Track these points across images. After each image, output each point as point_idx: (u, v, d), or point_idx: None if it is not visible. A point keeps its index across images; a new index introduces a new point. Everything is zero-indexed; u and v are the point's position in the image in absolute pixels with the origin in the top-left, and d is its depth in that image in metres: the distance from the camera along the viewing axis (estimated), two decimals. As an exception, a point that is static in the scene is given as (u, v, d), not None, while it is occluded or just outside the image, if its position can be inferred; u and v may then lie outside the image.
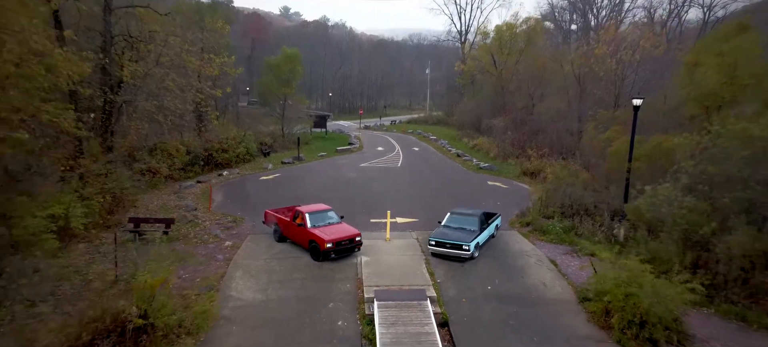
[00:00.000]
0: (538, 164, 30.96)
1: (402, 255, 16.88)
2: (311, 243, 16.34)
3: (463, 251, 16.07)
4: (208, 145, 33.07)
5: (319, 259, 16.12)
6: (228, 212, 21.79)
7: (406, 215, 21.99)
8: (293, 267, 15.76)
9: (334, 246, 15.98)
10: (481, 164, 36.36)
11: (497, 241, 18.40)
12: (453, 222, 17.54)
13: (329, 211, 17.79)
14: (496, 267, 15.96)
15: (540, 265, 16.05)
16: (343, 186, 28.43)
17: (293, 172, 33.45)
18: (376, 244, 17.93)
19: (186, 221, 19.86)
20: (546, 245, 17.87)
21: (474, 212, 17.89)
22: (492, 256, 16.89)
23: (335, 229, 16.72)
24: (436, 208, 22.95)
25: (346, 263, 16.17)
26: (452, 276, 15.27)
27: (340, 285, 14.60)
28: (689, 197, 13.82)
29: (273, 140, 43.92)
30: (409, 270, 15.60)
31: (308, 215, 16.90)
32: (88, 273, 14.80)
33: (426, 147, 49.57)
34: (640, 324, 11.27)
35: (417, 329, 12.19)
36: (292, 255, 16.70)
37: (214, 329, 12.03)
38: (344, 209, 21.80)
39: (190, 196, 24.75)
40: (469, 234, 16.56)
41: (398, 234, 19.34)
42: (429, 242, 16.76)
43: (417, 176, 32.35)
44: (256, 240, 18.15)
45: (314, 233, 16.28)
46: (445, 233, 16.87)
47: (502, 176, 32.35)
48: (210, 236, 18.41)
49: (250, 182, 29.32)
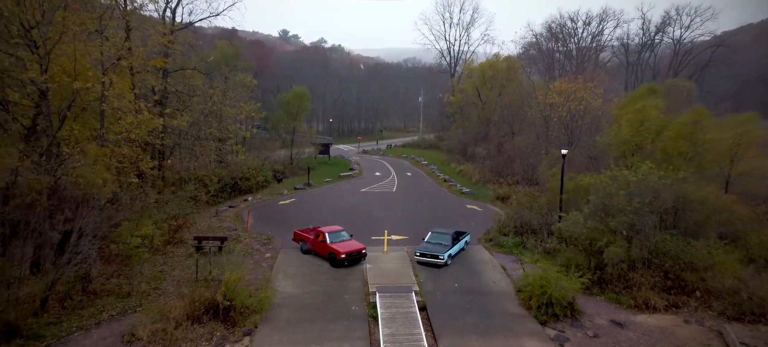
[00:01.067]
0: (508, 190, 37.48)
1: (396, 263, 23.19)
2: (330, 255, 22.65)
3: (439, 259, 22.42)
4: (234, 174, 39.50)
5: (336, 266, 22.40)
6: (261, 232, 28.08)
7: (399, 233, 28.35)
8: (318, 271, 22.04)
9: (347, 257, 22.29)
10: (463, 189, 42.85)
11: (466, 253, 24.77)
12: (433, 239, 23.93)
13: (342, 231, 24.16)
14: (463, 271, 22.31)
15: (494, 269, 22.44)
16: (349, 210, 34.81)
17: (306, 197, 39.84)
18: (377, 255, 24.24)
19: (231, 239, 26.14)
20: (501, 256, 24.27)
21: (448, 231, 24.30)
22: (461, 263, 23.25)
23: (347, 244, 23.06)
24: (422, 228, 29.38)
25: (355, 269, 22.45)
26: (431, 278, 21.59)
27: (352, 284, 20.86)
28: (591, 221, 20.31)
29: (284, 167, 50.45)
30: (401, 273, 21.90)
31: (328, 234, 23.26)
32: (173, 274, 21.06)
33: (417, 172, 56.12)
34: (548, 304, 17.62)
35: (405, 310, 18.48)
36: (316, 263, 22.99)
37: (271, 310, 18.27)
38: (351, 229, 28.14)
39: (227, 218, 31.05)
40: (444, 248, 22.94)
41: (393, 248, 25.67)
42: (415, 254, 23.11)
43: (408, 200, 38.79)
44: (288, 253, 24.45)
45: (332, 247, 22.60)
46: (427, 247, 23.23)
47: (479, 200, 38.84)
48: (252, 249, 24.70)
49: (272, 207, 35.66)
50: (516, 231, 26.23)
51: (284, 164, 51.35)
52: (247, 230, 28.42)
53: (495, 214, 31.32)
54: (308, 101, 54.72)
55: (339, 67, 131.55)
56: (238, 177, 39.67)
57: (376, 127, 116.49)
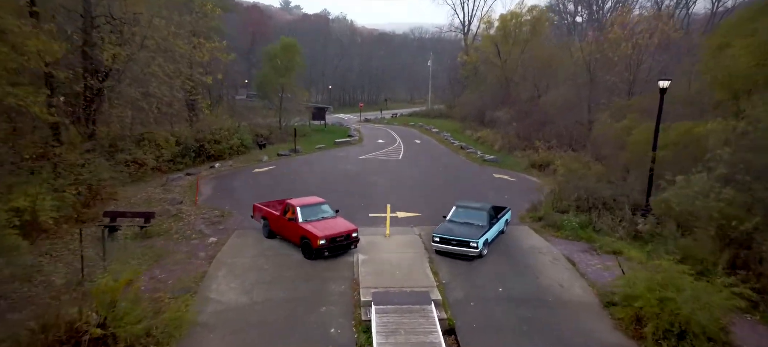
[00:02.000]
0: (546, 155, 29.37)
1: (403, 253, 15.34)
2: (303, 239, 14.80)
3: (470, 248, 14.52)
4: (199, 136, 31.53)
5: (311, 257, 14.59)
6: (216, 206, 20.27)
7: (407, 210, 20.45)
8: (283, 265, 14.24)
9: (327, 243, 14.44)
10: (485, 156, 34.79)
11: (507, 237, 16.84)
12: (459, 217, 15.99)
13: (323, 204, 16.25)
14: (507, 266, 14.41)
15: (556, 263, 14.49)
16: (341, 179, 26.87)
17: (289, 164, 31.90)
18: (375, 241, 16.40)
19: (169, 215, 18.35)
20: (561, 242, 16.32)
21: (482, 205, 16.35)
22: (502, 253, 15.34)
23: (329, 224, 15.18)
24: (440, 202, 21.42)
25: (341, 261, 14.64)
26: (459, 276, 13.74)
27: (334, 286, 13.07)
28: (728, 189, 12.24)
29: (270, 133, 42.37)
30: (411, 269, 14.07)
31: (300, 208, 15.36)
32: (55, 273, 13.28)
33: (428, 140, 48.01)
34: (680, 335, 9.73)
35: (420, 338, 10.67)
36: (281, 252, 15.17)
37: (188, 337, 10.51)
38: (341, 203, 20.28)
39: (177, 189, 23.25)
40: (477, 230, 15.01)
41: (399, 230, 17.81)
42: (433, 239, 15.22)
43: (419, 168, 30.79)
44: (244, 236, 16.63)
45: (306, 228, 14.73)
46: (450, 228, 15.32)
47: (508, 168, 30.77)
48: (193, 231, 16.89)
49: (243, 175, 27.79)
50: (578, 207, 18.17)
51: (271, 129, 43.25)
52: (197, 203, 20.61)
53: (537, 185, 23.27)
54: (299, 56, 46.24)
55: (341, 36, 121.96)
56: (205, 140, 31.72)
57: (380, 98, 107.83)
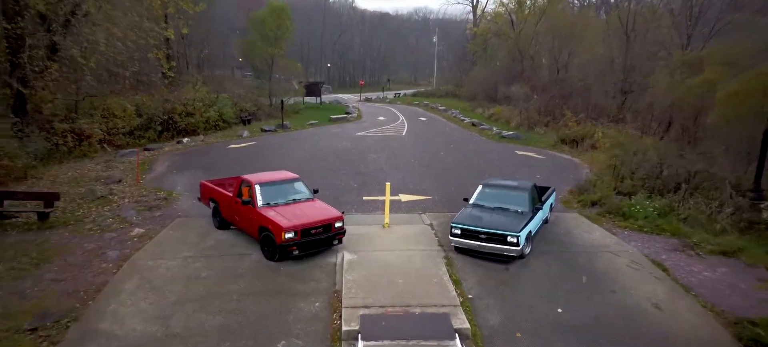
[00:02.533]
0: (579, 130, 24.49)
1: (408, 251, 10.67)
2: (262, 232, 10.11)
3: (508, 245, 9.81)
4: (167, 106, 26.75)
5: (274, 257, 9.92)
6: (163, 187, 15.60)
7: (412, 192, 15.76)
8: (230, 271, 9.57)
9: (298, 237, 9.75)
10: (503, 132, 29.93)
11: (554, 228, 12.13)
12: (488, 199, 11.24)
13: (296, 182, 11.51)
14: (564, 272, 9.71)
15: (638, 270, 9.75)
16: (332, 157, 22.14)
17: (273, 140, 27.16)
18: (369, 233, 11.74)
19: (92, 198, 13.65)
20: (634, 236, 11.58)
21: (521, 183, 11.58)
22: (553, 252, 10.62)
23: (303, 210, 10.46)
24: (455, 182, 16.77)
25: (317, 264, 9.99)
26: (493, 288, 9.06)
27: (304, 305, 8.42)
28: None
29: (257, 108, 37.52)
30: (420, 276, 9.40)
31: (259, 187, 10.63)
32: None
33: (434, 117, 43.23)
34: None
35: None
36: (233, 251, 10.51)
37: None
38: (328, 183, 15.74)
39: (123, 166, 18.56)
40: (517, 219, 10.27)
41: (402, 219, 13.13)
42: (451, 231, 10.50)
43: (426, 145, 26.04)
44: (185, 227, 11.95)
45: (267, 215, 10.03)
46: (477, 216, 10.59)
47: (532, 145, 25.94)
48: (116, 220, 12.21)
49: (213, 151, 23.07)
50: (651, 188, 13.37)
51: (258, 103, 38.37)
52: (139, 182, 15.93)
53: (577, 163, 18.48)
54: (289, 20, 41.11)
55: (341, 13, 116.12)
56: (174, 111, 26.95)
57: (382, 79, 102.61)
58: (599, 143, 20.76)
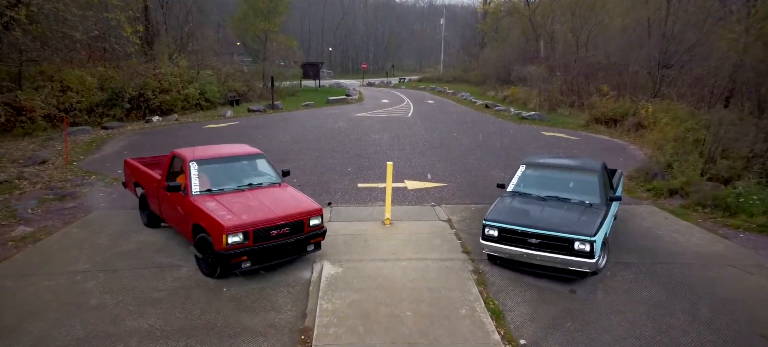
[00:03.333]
0: (617, 106, 20.75)
1: (420, 261, 7.16)
2: (198, 233, 6.61)
3: (577, 255, 6.25)
4: (139, 80, 23.23)
5: (214, 272, 6.43)
6: (102, 170, 12.11)
7: (421, 177, 12.23)
8: (141, 294, 6.06)
9: (249, 240, 6.24)
10: (523, 113, 26.27)
11: (626, 226, 8.56)
12: (537, 186, 7.65)
13: (257, 159, 7.97)
14: (667, 299, 6.13)
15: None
16: (325, 138, 18.63)
17: (259, 120, 23.65)
18: (364, 233, 8.25)
19: None
20: (758, 240, 7.93)
21: (586, 162, 8.00)
22: (639, 265, 7.05)
23: (261, 200, 6.92)
24: (473, 167, 13.28)
25: (281, 283, 6.49)
26: (557, 326, 5.54)
27: (246, 359, 4.94)
28: None
29: (248, 89, 33.97)
30: (440, 304, 5.91)
31: (195, 166, 7.11)
32: None
33: (443, 100, 39.66)
34: None
35: None
36: (155, 260, 7.00)
37: None
38: (318, 167, 12.39)
39: (62, 145, 15.09)
40: (587, 215, 6.69)
41: (410, 212, 9.63)
42: (484, 232, 6.93)
43: (436, 126, 22.47)
44: (98, 224, 8.46)
45: (204, 209, 6.51)
46: (523, 210, 7.03)
47: (559, 126, 22.28)
48: (2, 212, 8.73)
49: (187, 131, 19.58)
50: (758, 171, 9.76)
51: (248, 83, 34.78)
52: (67, 163, 12.46)
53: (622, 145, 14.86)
54: (284, -8, 37.46)
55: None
56: (147, 87, 23.44)
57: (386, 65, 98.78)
58: (647, 121, 17.11)
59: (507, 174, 8.53)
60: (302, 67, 43.95)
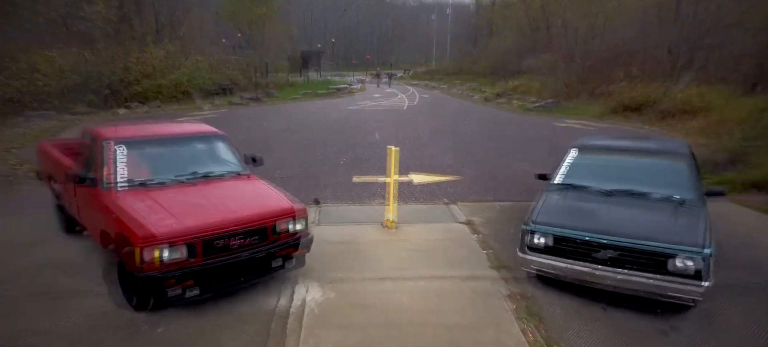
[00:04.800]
0: (644, 92, 18.61)
1: (436, 280, 5.14)
2: (115, 245, 4.53)
3: (677, 276, 4.19)
4: (118, 64, 21.14)
5: (146, 304, 4.37)
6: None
7: (429, 170, 10.18)
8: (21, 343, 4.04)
9: (196, 257, 4.20)
10: (536, 102, 24.20)
11: (724, 236, 6.48)
12: (599, 176, 5.54)
13: (213, 140, 5.88)
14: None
15: None
16: (316, 128, 16.60)
17: (245, 111, 21.61)
18: (361, 240, 6.27)
19: None
20: None
21: (668, 145, 6.00)
22: (749, 284, 5.01)
23: (211, 196, 4.87)
24: (489, 158, 11.30)
25: (243, 316, 4.44)
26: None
27: None
28: None
29: (243, 77, 31.78)
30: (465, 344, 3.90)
31: (120, 149, 5.04)
32: None
33: (437, 94, 37.63)
34: None
35: None
36: (59, 284, 4.96)
37: None
38: (306, 158, 10.51)
39: (18, 137, 13.08)
40: (684, 218, 4.63)
41: (418, 212, 7.64)
42: (530, 240, 4.86)
43: (442, 115, 20.51)
44: (7, 228, 6.45)
45: (128, 210, 4.45)
46: (586, 210, 4.94)
47: (573, 115, 20.20)
48: None
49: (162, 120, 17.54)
50: None
51: (244, 72, 32.58)
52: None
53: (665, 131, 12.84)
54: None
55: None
56: (129, 72, 21.37)
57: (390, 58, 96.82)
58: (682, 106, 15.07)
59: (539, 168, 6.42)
60: (301, 56, 41.73)
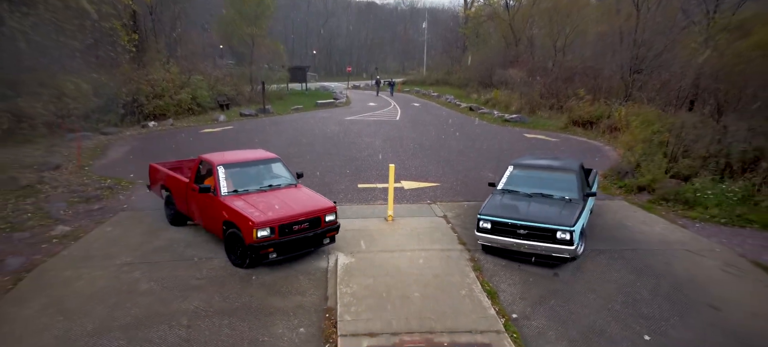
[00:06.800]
0: (593, 110, 22.16)
1: (422, 251, 8.15)
2: (228, 229, 7.47)
3: (559, 243, 7.34)
4: (132, 87, 23.67)
5: (244, 263, 7.30)
6: (115, 174, 12.77)
7: (416, 178, 13.23)
8: (181, 282, 6.90)
9: (275, 235, 7.14)
10: (505, 116, 27.57)
11: (600, 219, 9.70)
12: (524, 184, 8.72)
13: (274, 163, 8.85)
14: (634, 279, 7.26)
15: (738, 276, 7.34)
16: (320, 140, 19.49)
17: (253, 125, 24.33)
18: (370, 228, 9.19)
19: (14, 187, 10.80)
20: (712, 229, 9.19)
21: (566, 163, 9.10)
22: (611, 252, 8.18)
23: (282, 199, 7.82)
24: (463, 167, 14.34)
25: (303, 271, 7.40)
26: (543, 303, 6.58)
27: (284, 330, 5.83)
28: None
29: (237, 93, 34.47)
30: (444, 286, 6.91)
31: (222, 169, 7.96)
32: None
33: (427, 103, 40.80)
34: None
35: None
36: (188, 253, 7.84)
37: None
38: (318, 169, 13.17)
39: (70, 150, 15.64)
40: (567, 208, 7.80)
41: (409, 209, 10.59)
42: (478, 225, 7.97)
43: (425, 129, 23.51)
44: (128, 223, 9.22)
45: (234, 207, 7.37)
46: (512, 205, 8.08)
47: (539, 128, 23.59)
48: (37, 214, 9.41)
49: (185, 136, 20.19)
50: (713, 169, 11.05)
51: (237, 87, 35.26)
52: (79, 166, 13.09)
53: (596, 146, 16.17)
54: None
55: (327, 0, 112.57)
56: (141, 93, 23.90)
57: (370, 68, 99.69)
58: (619, 123, 18.47)
59: (496, 174, 9.55)
60: (289, 71, 44.52)
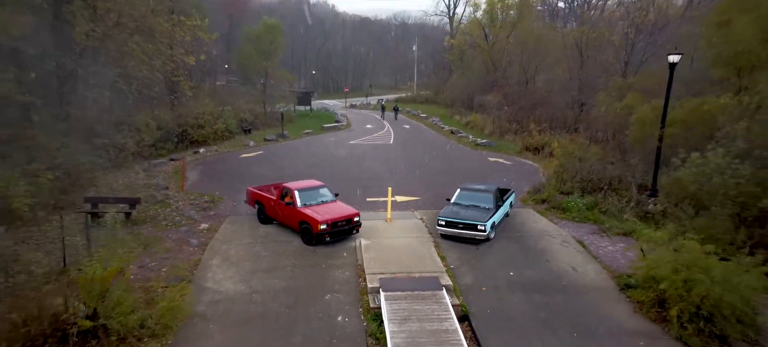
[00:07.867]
0: (540, 138, 29.00)
1: (407, 238, 14.68)
2: (302, 225, 13.98)
3: (477, 231, 13.94)
4: (181, 120, 30.11)
5: (311, 243, 13.81)
6: (204, 192, 19.21)
7: (405, 193, 19.77)
8: (281, 252, 13.41)
9: (329, 228, 13.66)
10: (478, 140, 34.29)
11: (513, 220, 16.33)
12: (464, 199, 15.36)
13: (322, 188, 15.42)
14: (517, 250, 13.89)
15: (566, 247, 14.03)
16: (333, 164, 26.00)
17: (277, 149, 30.82)
18: (376, 225, 15.68)
19: (155, 201, 17.24)
20: (568, 224, 15.89)
21: (488, 187, 15.74)
22: (510, 237, 14.81)
23: (329, 208, 14.38)
24: (438, 185, 20.85)
25: (342, 247, 13.90)
26: (467, 261, 13.14)
27: (338, 273, 12.33)
28: (745, 165, 11.88)
29: (254, 118, 40.97)
30: (417, 254, 13.42)
31: (298, 192, 14.50)
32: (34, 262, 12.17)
33: (417, 125, 47.33)
34: (707, 318, 9.32)
35: (435, 325, 10.03)
36: (279, 239, 14.34)
37: (185, 329, 9.67)
38: (336, 187, 19.55)
39: (161, 174, 22.04)
40: (484, 213, 14.42)
41: (399, 214, 17.12)
42: (438, 223, 14.58)
43: (412, 153, 30.12)
44: (237, 222, 15.70)
45: (305, 213, 13.91)
46: (456, 211, 14.69)
47: (502, 152, 30.34)
48: (183, 217, 15.86)
49: (230, 160, 26.65)
50: (583, 188, 17.77)
51: (255, 114, 41.78)
52: (184, 188, 19.51)
53: (534, 168, 22.86)
54: (282, 36, 44.74)
55: (324, 19, 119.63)
56: (188, 124, 30.32)
57: (364, 84, 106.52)
58: (554, 151, 25.15)
59: (452, 192, 16.08)
60: (297, 97, 51.11)
